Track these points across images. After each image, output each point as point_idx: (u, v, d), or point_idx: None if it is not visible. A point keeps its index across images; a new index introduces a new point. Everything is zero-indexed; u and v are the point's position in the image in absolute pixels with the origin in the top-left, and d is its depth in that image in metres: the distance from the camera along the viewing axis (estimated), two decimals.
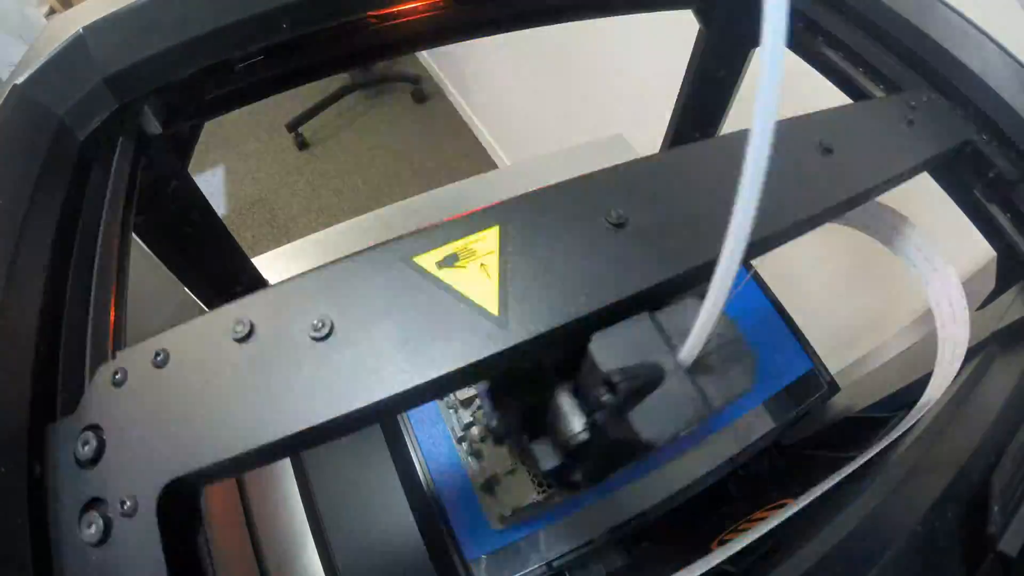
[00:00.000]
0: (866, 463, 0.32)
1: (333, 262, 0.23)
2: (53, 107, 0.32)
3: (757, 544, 0.30)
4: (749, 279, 0.62)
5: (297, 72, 0.46)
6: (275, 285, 0.23)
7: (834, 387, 0.57)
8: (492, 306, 0.21)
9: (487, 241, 0.23)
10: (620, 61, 1.19)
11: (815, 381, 0.57)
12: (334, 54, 0.47)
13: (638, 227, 0.25)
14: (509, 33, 0.51)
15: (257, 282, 0.61)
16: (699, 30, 0.59)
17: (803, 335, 0.60)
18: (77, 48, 0.33)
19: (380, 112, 2.12)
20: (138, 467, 0.20)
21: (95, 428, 0.20)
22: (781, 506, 0.45)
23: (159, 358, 0.21)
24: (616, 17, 0.54)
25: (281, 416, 0.20)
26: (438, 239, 0.23)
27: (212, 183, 1.86)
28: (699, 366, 0.22)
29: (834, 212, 0.30)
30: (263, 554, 0.62)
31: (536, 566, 0.45)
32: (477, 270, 0.22)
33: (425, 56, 2.23)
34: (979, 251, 0.66)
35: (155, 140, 0.39)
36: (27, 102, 0.31)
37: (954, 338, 0.38)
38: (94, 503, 0.20)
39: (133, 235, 0.36)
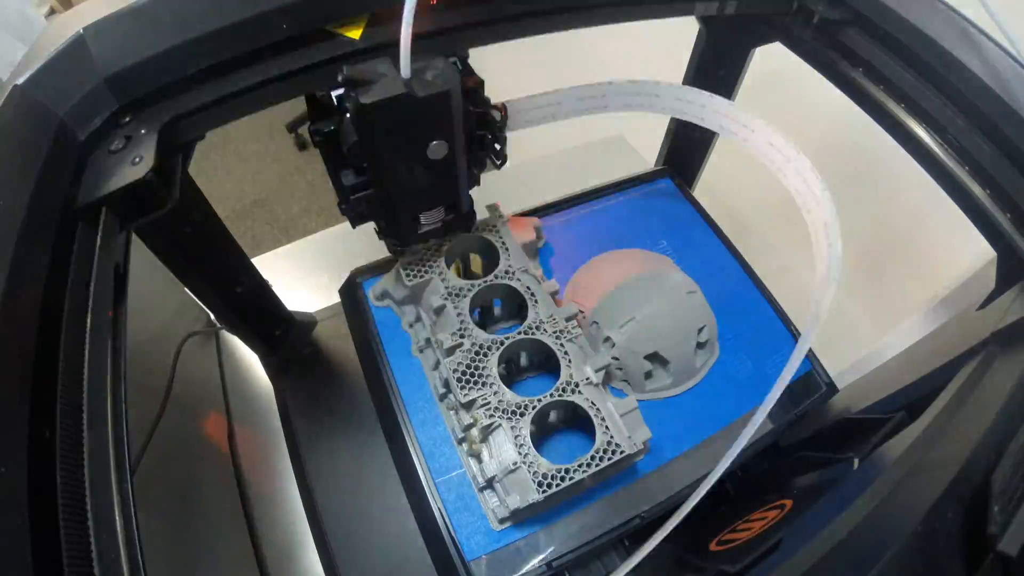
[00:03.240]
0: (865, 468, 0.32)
1: None
2: (53, 107, 0.32)
3: (757, 544, 0.30)
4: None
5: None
6: None
7: (833, 388, 0.57)
8: (358, 35, 0.40)
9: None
10: (620, 61, 1.19)
11: (814, 382, 0.57)
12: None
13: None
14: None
15: (257, 282, 0.61)
16: (699, 30, 0.59)
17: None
18: (77, 48, 0.33)
19: None
20: (153, 116, 0.35)
21: (135, 114, 0.35)
22: (780, 506, 0.45)
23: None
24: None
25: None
26: None
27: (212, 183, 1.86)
28: (415, 77, 0.35)
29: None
30: (263, 554, 0.62)
31: (536, 566, 0.45)
32: (355, 28, 0.39)
33: None
34: (979, 251, 0.66)
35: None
36: (27, 102, 0.31)
37: (824, 221, 0.41)
38: (124, 137, 0.34)
39: (133, 235, 0.36)
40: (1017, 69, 0.38)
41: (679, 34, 0.61)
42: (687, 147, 0.73)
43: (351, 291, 0.60)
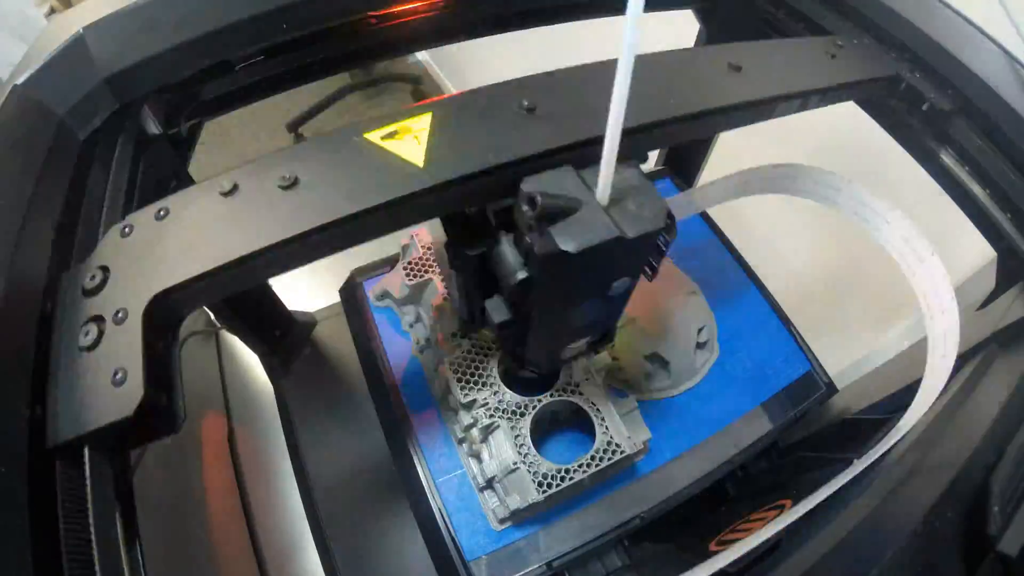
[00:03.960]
0: (865, 468, 0.32)
1: (300, 142, 0.29)
2: (53, 107, 0.32)
3: (757, 544, 0.30)
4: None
5: (297, 72, 0.46)
6: (255, 159, 0.28)
7: (832, 388, 0.57)
8: (419, 161, 0.28)
9: (421, 121, 0.30)
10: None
11: (813, 382, 0.57)
12: (334, 54, 0.47)
13: (546, 111, 0.30)
14: (509, 33, 0.51)
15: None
16: (699, 30, 0.59)
17: (801, 336, 0.60)
18: (77, 48, 0.33)
19: (380, 112, 2.12)
20: (132, 288, 0.25)
21: (103, 268, 0.25)
22: (780, 507, 0.45)
23: (160, 213, 0.27)
24: (617, 17, 0.54)
25: (250, 238, 0.25)
26: (383, 122, 0.30)
27: None
28: (614, 205, 0.28)
29: (734, 117, 0.35)
30: (263, 554, 0.62)
31: (536, 566, 0.45)
32: (411, 140, 0.29)
33: (425, 56, 2.23)
34: (979, 251, 0.67)
35: (155, 140, 0.39)
36: (28, 102, 0.31)
37: (944, 330, 0.38)
38: (93, 320, 0.24)
39: None
40: (1017, 69, 0.39)
41: (680, 35, 0.61)
42: (687, 148, 0.73)
43: (351, 291, 0.60)
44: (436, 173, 0.27)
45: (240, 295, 0.57)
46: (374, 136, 0.29)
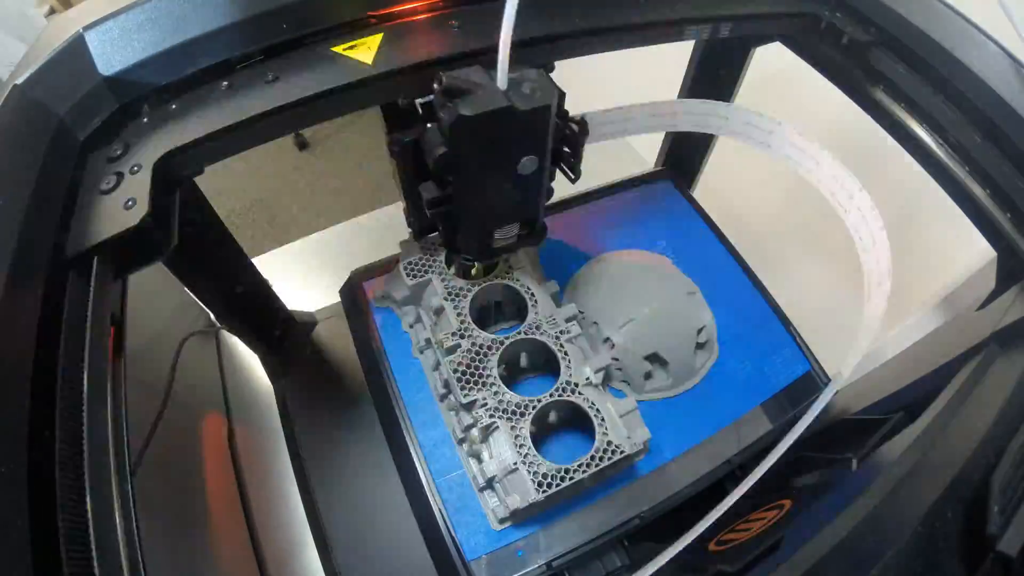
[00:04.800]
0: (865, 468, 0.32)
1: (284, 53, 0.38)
2: (53, 107, 0.32)
3: (756, 544, 0.30)
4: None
5: None
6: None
7: None
8: (369, 61, 0.37)
9: (375, 39, 0.38)
10: (620, 60, 1.19)
11: (813, 382, 0.57)
12: None
13: (468, 28, 0.38)
14: None
15: (257, 282, 0.61)
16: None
17: (800, 337, 0.60)
18: (77, 48, 0.33)
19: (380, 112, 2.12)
20: (148, 150, 0.32)
21: (126, 145, 0.33)
22: (779, 506, 0.45)
23: (172, 107, 0.35)
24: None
25: (240, 111, 0.34)
26: (346, 39, 0.38)
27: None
28: (511, 88, 0.34)
29: (639, 35, 0.42)
30: (263, 554, 0.62)
31: (536, 566, 0.45)
32: (365, 49, 0.37)
33: None
34: (979, 251, 0.67)
35: None
36: (27, 102, 0.31)
37: (877, 259, 0.42)
38: (114, 174, 0.31)
39: None
40: (1017, 69, 0.39)
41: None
42: (687, 148, 0.73)
43: (351, 291, 0.59)
44: (377, 68, 0.36)
45: (240, 295, 0.57)
46: (339, 48, 0.38)
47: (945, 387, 0.37)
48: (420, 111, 0.39)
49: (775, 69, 0.68)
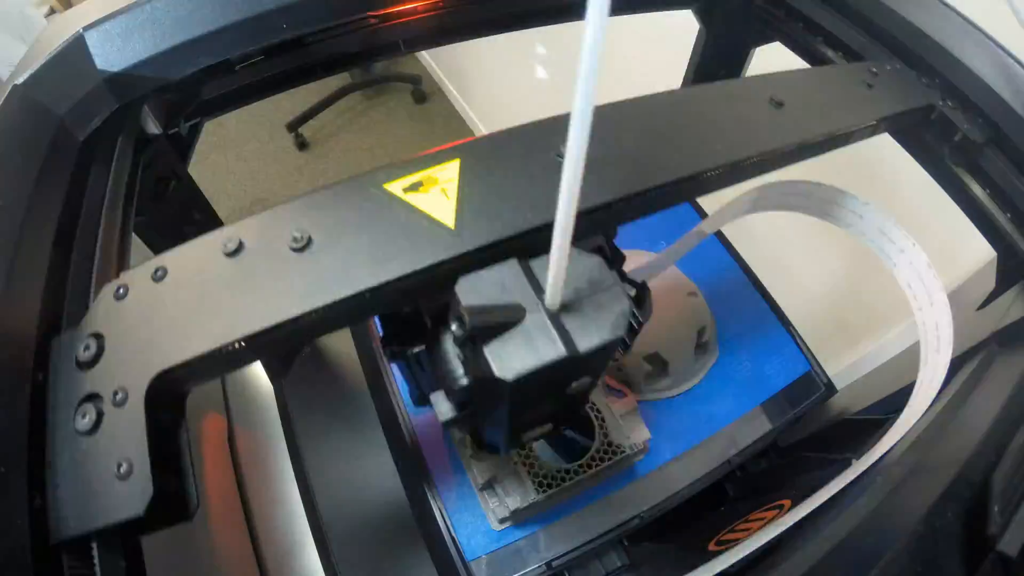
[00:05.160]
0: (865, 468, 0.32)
1: (313, 189, 0.26)
2: (53, 107, 0.32)
3: (757, 547, 0.30)
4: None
5: (297, 72, 0.46)
6: (261, 212, 0.25)
7: (831, 389, 0.57)
8: (450, 221, 0.24)
9: (448, 171, 0.26)
10: (620, 61, 1.19)
11: (812, 383, 0.57)
12: (334, 54, 0.47)
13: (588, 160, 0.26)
14: (509, 33, 0.51)
15: None
16: (699, 30, 0.59)
17: (800, 337, 0.60)
18: (77, 48, 0.33)
19: (380, 112, 2.12)
20: (131, 363, 0.22)
21: (96, 336, 0.22)
22: (779, 506, 0.45)
23: (158, 273, 0.24)
24: (617, 17, 0.54)
25: (261, 312, 0.22)
26: (406, 169, 0.26)
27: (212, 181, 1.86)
28: (568, 310, 0.23)
29: (782, 157, 0.32)
30: (263, 554, 0.61)
31: (536, 566, 0.45)
32: (439, 194, 0.25)
33: (425, 56, 2.23)
34: (979, 251, 0.66)
35: (155, 140, 0.39)
36: (27, 102, 0.31)
37: (935, 322, 0.37)
38: (89, 399, 0.21)
39: (133, 235, 0.36)
40: (1017, 69, 0.38)
41: (681, 35, 0.61)
42: None
43: None
44: (469, 237, 0.24)
45: None
46: (395, 187, 0.25)
47: (945, 387, 0.37)
48: (428, 321, 0.28)
49: (774, 71, 0.68)
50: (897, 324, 0.79)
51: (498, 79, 1.77)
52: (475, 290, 0.23)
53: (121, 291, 0.23)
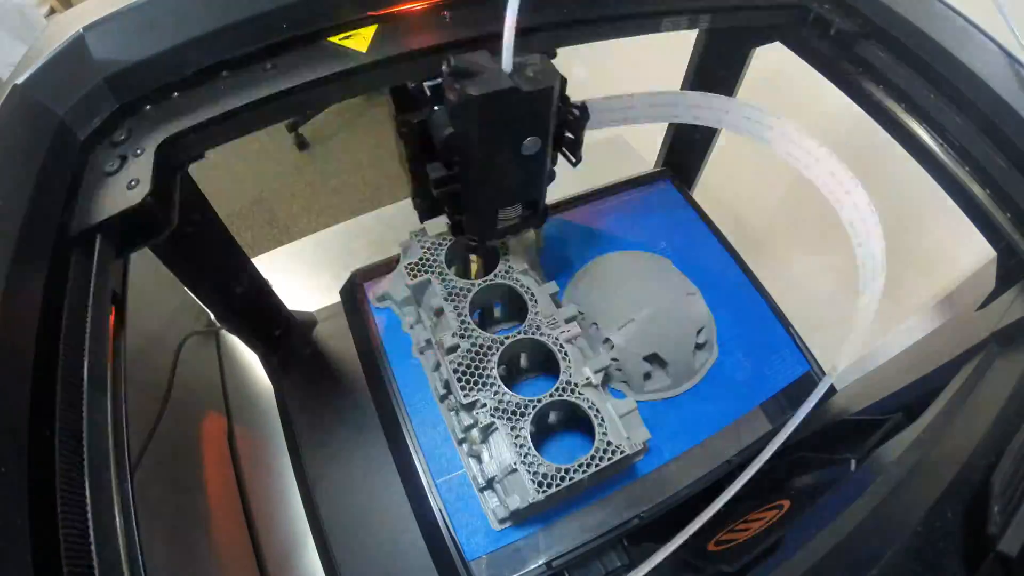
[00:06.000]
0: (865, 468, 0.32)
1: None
2: (53, 107, 0.32)
3: (755, 544, 0.30)
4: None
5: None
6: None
7: (831, 389, 0.57)
8: (364, 49, 0.37)
9: (370, 30, 0.38)
10: (620, 60, 1.19)
11: (812, 383, 0.57)
12: None
13: (462, 20, 0.40)
14: None
15: (257, 282, 0.61)
16: (699, 30, 0.59)
17: (800, 337, 0.60)
18: (77, 48, 0.33)
19: (380, 112, 2.12)
20: (151, 134, 0.33)
21: (129, 130, 0.34)
22: (778, 507, 0.45)
23: (175, 93, 0.36)
24: None
25: (236, 99, 0.35)
26: (342, 29, 0.38)
27: (212, 183, 1.85)
28: (516, 72, 0.36)
29: (620, 26, 0.43)
30: (263, 554, 0.62)
31: (536, 566, 0.45)
32: (360, 39, 0.38)
33: None
34: (979, 251, 0.67)
35: None
36: (27, 102, 0.31)
37: (873, 251, 0.42)
38: (119, 157, 0.32)
39: None
40: (1017, 69, 0.39)
41: (680, 33, 0.61)
42: (687, 148, 0.73)
43: (352, 292, 0.60)
44: (370, 56, 0.37)
45: (240, 295, 0.57)
46: (335, 38, 0.38)
47: (945, 387, 0.37)
48: (428, 94, 0.40)
49: (775, 69, 0.68)
50: (897, 324, 0.79)
51: None
52: (457, 59, 0.35)
53: (148, 107, 0.35)
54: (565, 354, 0.48)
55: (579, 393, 0.47)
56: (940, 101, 0.43)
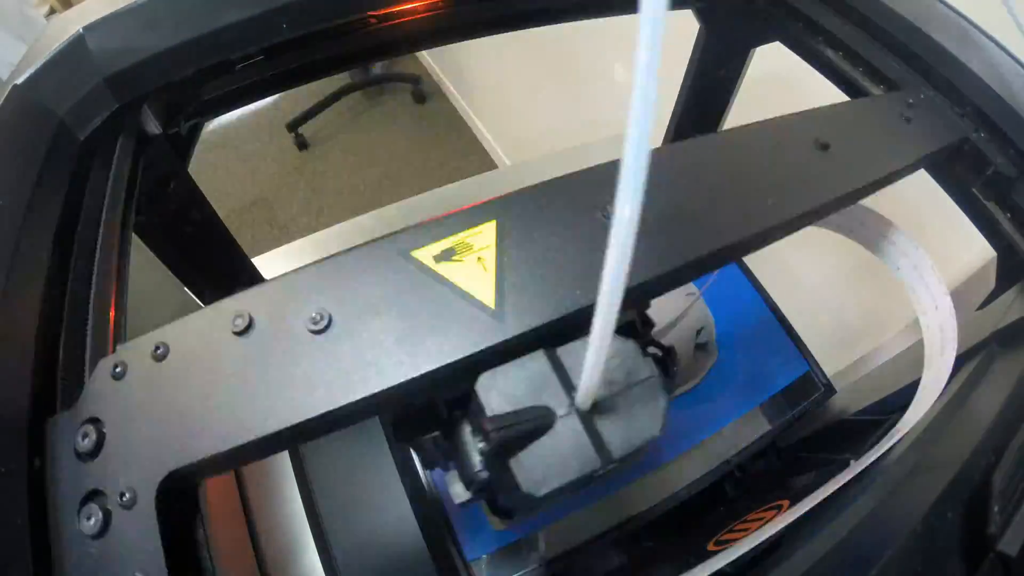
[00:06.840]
0: (863, 469, 0.32)
1: (331, 256, 0.23)
2: (53, 107, 0.32)
3: (757, 544, 0.30)
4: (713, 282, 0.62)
5: (297, 72, 0.46)
6: (274, 279, 0.23)
7: (830, 389, 0.57)
8: (489, 299, 0.21)
9: (484, 235, 0.23)
10: (620, 61, 1.19)
11: (811, 383, 0.57)
12: (334, 54, 0.47)
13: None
14: (509, 33, 0.51)
15: (257, 282, 0.61)
16: (699, 30, 0.59)
17: (799, 337, 0.60)
18: (77, 48, 0.33)
19: (380, 112, 2.12)
20: (138, 459, 0.20)
21: (95, 421, 0.20)
22: (778, 507, 0.45)
23: (159, 351, 0.21)
24: (617, 17, 0.54)
25: (279, 408, 0.20)
26: (436, 233, 0.23)
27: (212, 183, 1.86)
28: (601, 408, 0.21)
29: (832, 207, 0.30)
30: (263, 554, 0.61)
31: (536, 566, 0.45)
32: (474, 264, 0.22)
33: (425, 56, 2.23)
34: (979, 251, 0.66)
35: (155, 140, 0.39)
36: (27, 102, 0.31)
37: (939, 325, 0.37)
38: (93, 495, 0.20)
39: (133, 235, 0.36)
40: (1017, 69, 0.38)
41: (680, 33, 0.61)
42: None
43: None
44: (513, 321, 0.21)
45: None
46: (425, 255, 0.22)
47: (945, 387, 0.37)
48: (444, 411, 0.25)
49: (775, 69, 0.68)
50: (897, 325, 0.79)
51: (498, 79, 1.77)
52: (499, 390, 0.21)
53: (119, 369, 0.21)
54: None
55: None
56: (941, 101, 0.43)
